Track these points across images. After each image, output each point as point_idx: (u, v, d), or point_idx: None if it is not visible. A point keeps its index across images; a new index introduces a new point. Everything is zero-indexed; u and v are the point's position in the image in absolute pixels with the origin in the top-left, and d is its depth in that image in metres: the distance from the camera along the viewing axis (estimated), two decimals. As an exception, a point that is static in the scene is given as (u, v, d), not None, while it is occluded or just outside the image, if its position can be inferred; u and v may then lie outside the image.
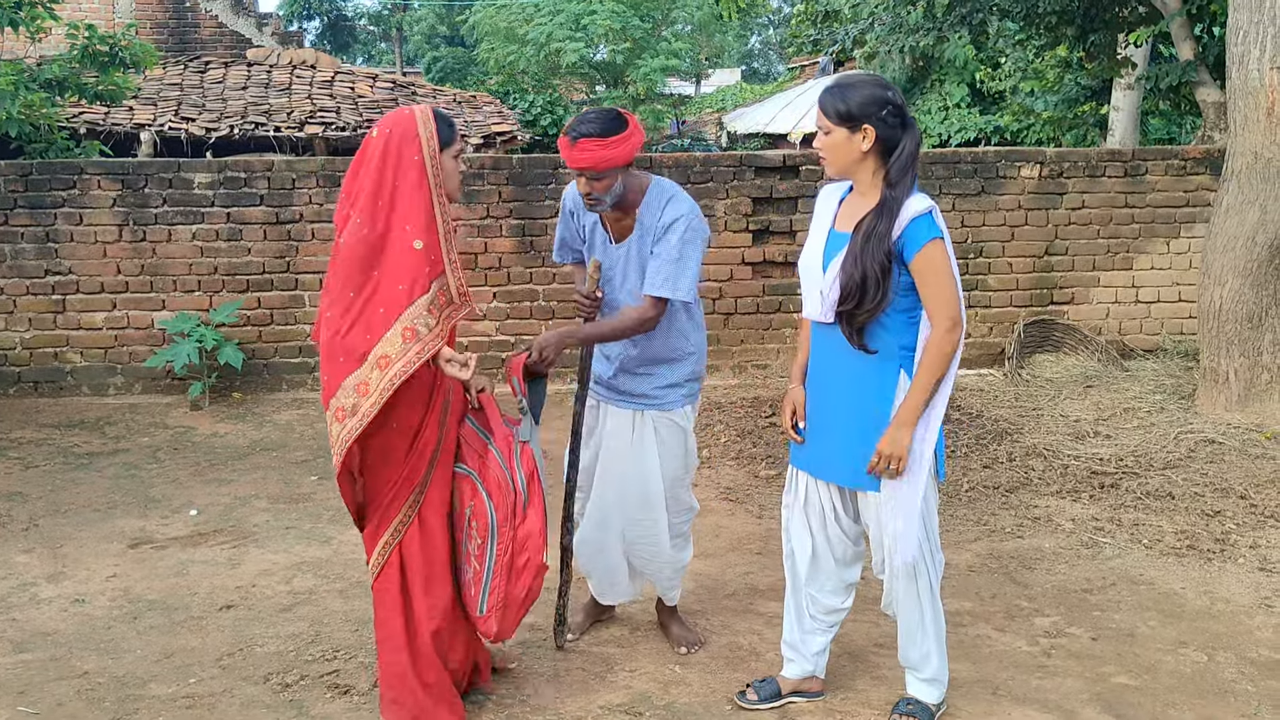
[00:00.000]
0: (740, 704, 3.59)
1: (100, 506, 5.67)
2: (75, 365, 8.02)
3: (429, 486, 3.33)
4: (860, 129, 3.16)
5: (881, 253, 3.11)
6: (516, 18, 21.94)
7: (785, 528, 3.56)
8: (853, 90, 3.18)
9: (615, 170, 3.61)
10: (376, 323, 3.10)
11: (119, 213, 7.95)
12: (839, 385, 3.31)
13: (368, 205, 3.15)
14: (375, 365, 3.09)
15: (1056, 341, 8.32)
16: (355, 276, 3.13)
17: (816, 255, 3.31)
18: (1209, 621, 4.24)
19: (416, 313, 3.12)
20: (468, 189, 8.12)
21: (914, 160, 3.18)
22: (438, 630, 3.36)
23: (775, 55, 47.18)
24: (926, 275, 3.14)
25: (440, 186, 3.20)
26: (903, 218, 3.13)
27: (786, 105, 21.17)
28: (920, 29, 10.46)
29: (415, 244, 3.13)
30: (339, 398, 3.13)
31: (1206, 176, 8.44)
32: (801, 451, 3.45)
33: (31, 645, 4.06)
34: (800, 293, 3.43)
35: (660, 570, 4.02)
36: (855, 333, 3.20)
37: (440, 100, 14.44)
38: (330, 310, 3.16)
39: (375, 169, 3.16)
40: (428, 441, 3.30)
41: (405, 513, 3.31)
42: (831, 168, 3.28)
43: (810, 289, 3.33)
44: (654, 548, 3.96)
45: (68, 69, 9.01)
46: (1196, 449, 6.19)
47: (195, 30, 15.83)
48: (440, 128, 3.21)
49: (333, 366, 3.14)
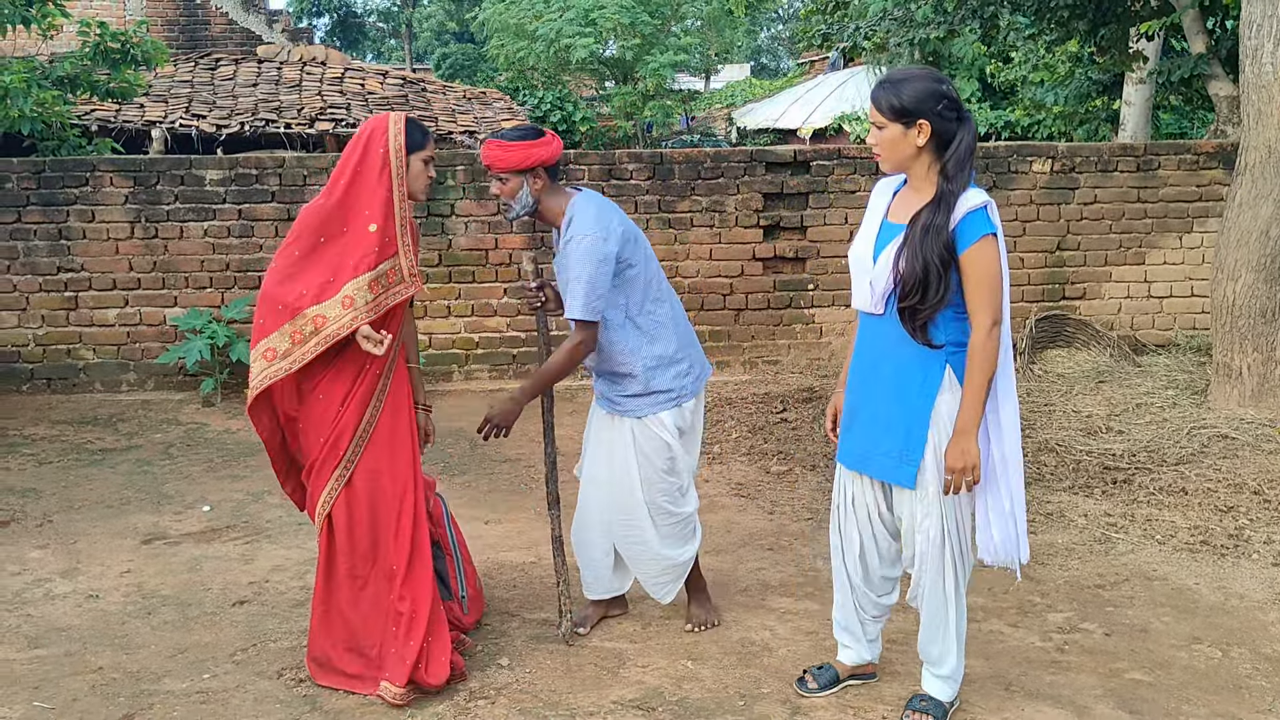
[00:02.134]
0: (801, 691, 3.62)
1: (113, 502, 5.69)
2: (88, 362, 8.04)
3: (358, 462, 3.57)
4: (915, 124, 3.13)
5: (940, 245, 3.09)
6: (526, 14, 21.93)
7: (835, 527, 3.56)
8: (906, 85, 3.14)
9: (515, 174, 3.79)
10: (321, 286, 3.46)
11: (131, 209, 7.97)
12: (883, 378, 3.30)
13: (331, 181, 3.57)
14: (312, 321, 3.45)
15: (1068, 337, 8.29)
16: (305, 238, 3.52)
17: (868, 245, 3.29)
18: (1223, 617, 4.22)
19: (358, 286, 3.47)
20: (478, 185, 8.13)
21: (971, 153, 3.15)
22: (354, 610, 3.66)
23: (785, 51, 47.12)
24: (973, 272, 3.11)
25: (402, 182, 3.54)
26: (958, 211, 3.12)
27: (796, 101, 21.17)
28: (930, 23, 10.43)
29: (370, 227, 3.49)
30: (272, 339, 3.48)
31: (1219, 171, 8.41)
32: (845, 446, 3.45)
33: (46, 640, 4.08)
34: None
35: (646, 568, 4.05)
36: (918, 329, 3.17)
37: (450, 97, 14.43)
38: (278, 262, 3.54)
39: (345, 155, 3.58)
40: (351, 415, 3.55)
41: (333, 484, 3.58)
42: (886, 164, 3.25)
43: (860, 279, 3.32)
44: (640, 546, 4.01)
45: (79, 66, 9.03)
46: (1210, 444, 6.17)
47: (205, 27, 15.85)
48: (411, 132, 3.58)
49: (270, 312, 3.49)
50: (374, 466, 3.59)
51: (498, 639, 4.04)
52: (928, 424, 3.22)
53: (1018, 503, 3.25)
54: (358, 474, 3.58)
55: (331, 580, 3.66)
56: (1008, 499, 3.23)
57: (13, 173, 7.91)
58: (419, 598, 3.60)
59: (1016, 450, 3.24)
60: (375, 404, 3.59)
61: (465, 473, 6.23)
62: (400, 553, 3.60)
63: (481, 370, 8.33)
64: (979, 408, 3.15)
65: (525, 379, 3.98)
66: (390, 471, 3.61)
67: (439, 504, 4.01)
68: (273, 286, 3.50)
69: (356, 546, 3.62)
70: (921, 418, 3.22)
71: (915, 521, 3.31)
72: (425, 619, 3.59)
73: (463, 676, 3.71)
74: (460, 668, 3.71)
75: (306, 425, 3.61)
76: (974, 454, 3.13)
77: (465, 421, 7.27)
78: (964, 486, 3.16)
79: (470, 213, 8.19)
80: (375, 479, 3.60)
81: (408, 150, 3.55)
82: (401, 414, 3.67)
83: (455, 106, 13.78)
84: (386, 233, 3.51)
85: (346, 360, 3.55)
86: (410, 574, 3.60)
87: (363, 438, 3.57)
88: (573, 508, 4.17)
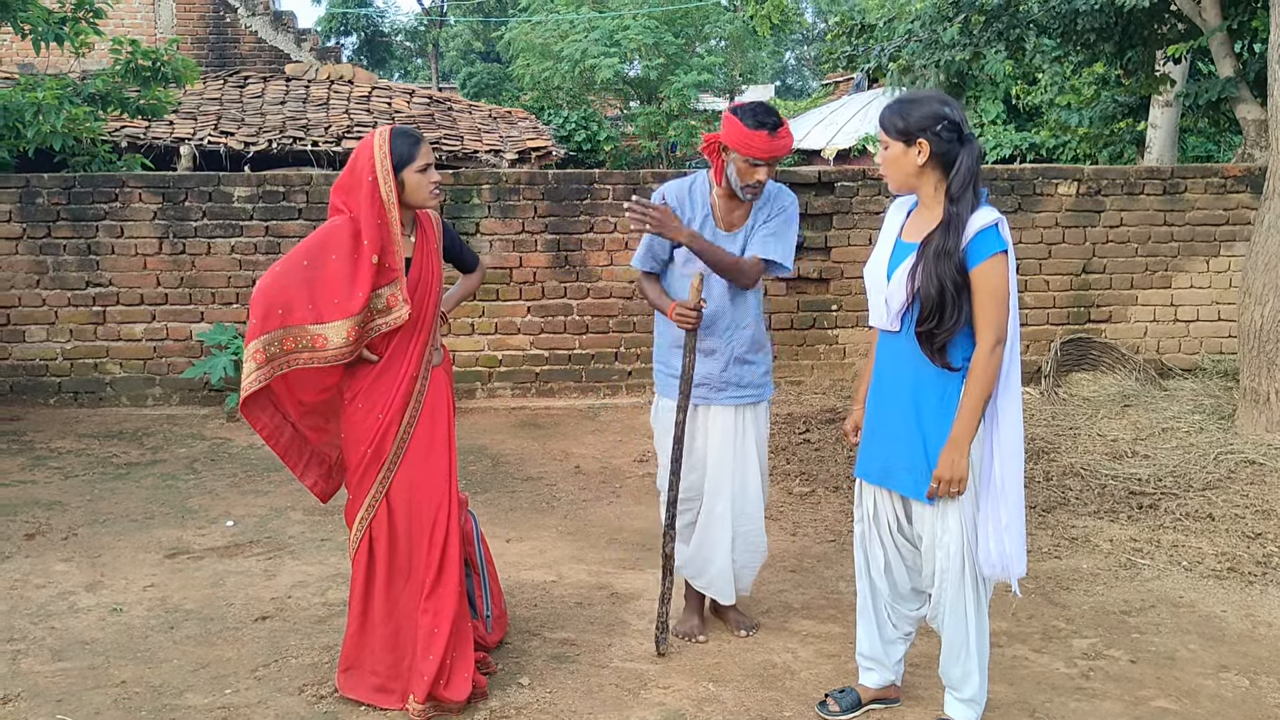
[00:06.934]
0: (822, 714, 3.60)
1: (138, 516, 5.72)
2: (114, 376, 8.11)
3: (396, 472, 3.59)
4: (915, 143, 3.22)
5: (953, 267, 3.16)
6: (551, 34, 22.01)
7: (859, 542, 3.57)
8: (911, 106, 3.24)
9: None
10: (326, 306, 3.45)
11: (159, 225, 8.05)
12: (901, 394, 3.34)
13: (334, 201, 3.57)
14: (312, 339, 3.46)
15: (1094, 360, 8.24)
16: (313, 250, 3.50)
17: (882, 264, 3.37)
18: (1251, 645, 4.18)
19: (363, 317, 3.47)
20: (503, 204, 8.16)
21: (974, 175, 3.21)
22: (388, 622, 3.65)
23: (809, 71, 47.16)
24: (982, 288, 3.17)
25: (393, 202, 3.48)
26: (969, 231, 3.18)
27: (820, 122, 21.14)
28: (956, 45, 10.42)
29: (373, 259, 3.46)
30: (265, 342, 3.46)
31: (1247, 195, 8.36)
32: (864, 460, 3.48)
33: (70, 654, 4.10)
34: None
35: (753, 560, 4.22)
36: (936, 352, 3.22)
37: (476, 115, 14.51)
38: (280, 266, 3.53)
39: (346, 176, 3.55)
40: (392, 420, 3.57)
41: (375, 491, 3.60)
42: (892, 182, 3.35)
43: (875, 297, 3.38)
44: (758, 537, 4.19)
45: (111, 83, 9.14)
46: (1237, 470, 6.11)
47: (235, 45, 16.00)
48: (396, 148, 3.48)
49: (267, 314, 3.46)
50: (411, 479, 3.60)
51: (518, 658, 4.04)
52: (946, 441, 3.24)
53: (1015, 519, 3.26)
54: (395, 486, 3.59)
55: (370, 593, 3.66)
56: (1005, 514, 3.25)
57: (43, 188, 8.00)
58: (442, 612, 3.60)
59: (1017, 470, 3.27)
60: (414, 406, 3.61)
61: (487, 490, 6.24)
62: (430, 567, 3.61)
63: (504, 388, 8.34)
64: (973, 423, 3.21)
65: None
66: (426, 485, 3.62)
67: (470, 521, 4.01)
68: (276, 291, 3.47)
69: (395, 559, 3.64)
70: (940, 435, 3.26)
71: (935, 538, 3.33)
72: (447, 634, 3.58)
73: (483, 695, 3.70)
74: (482, 686, 3.71)
75: (348, 435, 3.63)
76: (963, 466, 3.20)
77: (487, 439, 7.29)
78: (949, 496, 3.23)
79: (495, 231, 8.22)
80: (412, 492, 3.61)
81: (396, 168, 3.48)
82: (440, 422, 3.68)
83: (481, 125, 13.85)
84: (387, 259, 3.49)
85: (384, 369, 3.58)
86: (436, 589, 3.60)
87: (403, 442, 3.59)
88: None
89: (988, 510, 3.28)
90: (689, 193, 4.08)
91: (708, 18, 23.38)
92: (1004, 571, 3.28)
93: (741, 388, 4.08)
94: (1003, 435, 3.25)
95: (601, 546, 5.31)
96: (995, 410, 3.25)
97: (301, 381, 3.63)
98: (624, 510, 5.89)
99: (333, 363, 3.50)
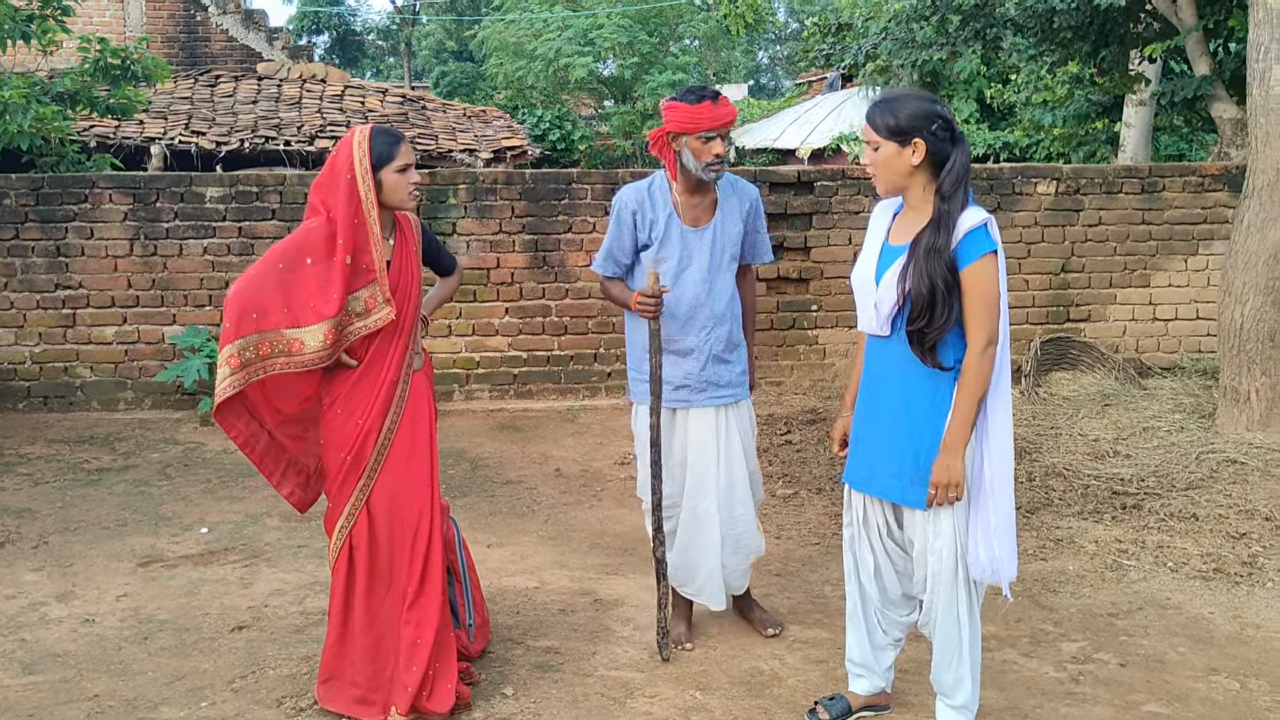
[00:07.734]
0: None
1: (110, 524, 5.61)
2: (85, 380, 7.97)
3: (377, 478, 3.52)
4: (910, 143, 3.15)
5: (943, 266, 3.10)
6: (525, 33, 21.93)
7: (848, 547, 3.52)
8: (902, 104, 3.17)
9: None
10: (302, 310, 3.38)
11: (130, 227, 7.92)
12: (891, 399, 3.29)
13: (312, 199, 3.50)
14: (288, 344, 3.38)
15: (1073, 359, 8.24)
16: (289, 253, 3.43)
17: (870, 268, 3.31)
18: (1240, 647, 4.16)
19: (339, 320, 3.40)
20: (480, 204, 8.08)
21: (966, 174, 3.17)
22: (369, 633, 3.58)
23: (783, 71, 47.24)
24: (973, 289, 3.12)
25: (372, 203, 3.42)
26: (959, 230, 3.12)
27: (795, 121, 21.15)
28: (933, 44, 10.41)
29: (346, 259, 3.40)
30: (239, 347, 3.37)
31: (1224, 193, 8.38)
32: (853, 466, 3.43)
33: (41, 666, 3.99)
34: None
35: (745, 560, 4.17)
36: (927, 352, 3.17)
37: (450, 114, 14.41)
38: (255, 270, 3.45)
39: (326, 174, 3.48)
40: (372, 425, 3.50)
41: (355, 498, 3.52)
42: (881, 184, 3.27)
43: (864, 301, 3.33)
44: (751, 539, 4.15)
45: (79, 82, 8.99)
46: (1219, 469, 6.10)
47: (205, 44, 15.82)
48: (376, 147, 3.42)
49: (241, 318, 3.39)
50: (392, 486, 3.54)
51: (501, 667, 3.97)
52: (938, 445, 3.20)
53: (1005, 522, 3.23)
54: (376, 493, 3.53)
55: (350, 602, 3.58)
56: (995, 517, 3.21)
57: (11, 189, 7.85)
58: (425, 622, 3.53)
59: (1007, 473, 3.23)
60: (394, 412, 3.54)
61: (466, 494, 6.15)
62: (412, 577, 3.54)
63: (482, 390, 8.26)
64: (967, 426, 3.17)
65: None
66: (408, 492, 3.56)
67: (451, 528, 3.94)
68: (251, 295, 3.39)
69: (376, 568, 3.57)
70: (932, 439, 3.21)
71: (927, 543, 3.28)
72: (430, 645, 3.51)
73: (467, 706, 3.63)
74: (465, 697, 3.64)
75: (327, 441, 3.55)
76: (958, 471, 3.15)
77: (466, 442, 7.20)
78: (947, 502, 3.18)
79: (472, 231, 8.13)
80: (394, 499, 3.54)
81: (375, 167, 3.42)
82: (421, 427, 3.61)
83: (455, 124, 13.75)
84: (364, 259, 3.43)
85: (364, 374, 3.52)
86: (419, 598, 3.53)
87: (384, 448, 3.52)
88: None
89: (978, 514, 3.24)
90: (649, 194, 4.04)
91: (681, 17, 23.37)
92: (994, 575, 3.25)
93: (720, 387, 4.05)
94: (993, 438, 3.22)
95: (583, 551, 5.25)
96: (985, 412, 3.21)
97: (279, 390, 3.55)
98: (606, 514, 5.82)
99: (310, 367, 3.43)
